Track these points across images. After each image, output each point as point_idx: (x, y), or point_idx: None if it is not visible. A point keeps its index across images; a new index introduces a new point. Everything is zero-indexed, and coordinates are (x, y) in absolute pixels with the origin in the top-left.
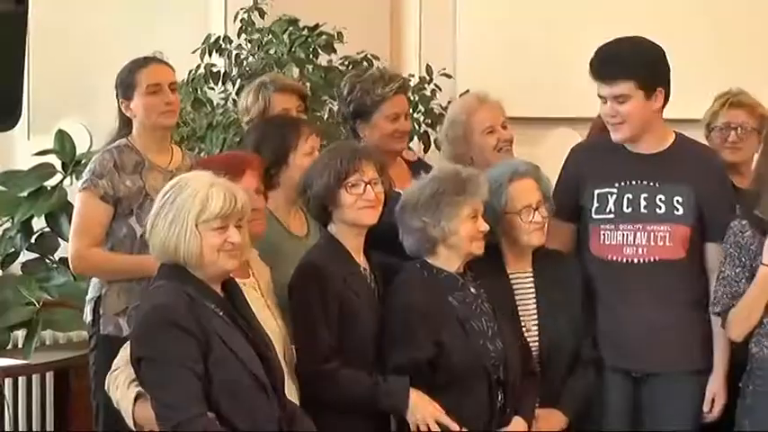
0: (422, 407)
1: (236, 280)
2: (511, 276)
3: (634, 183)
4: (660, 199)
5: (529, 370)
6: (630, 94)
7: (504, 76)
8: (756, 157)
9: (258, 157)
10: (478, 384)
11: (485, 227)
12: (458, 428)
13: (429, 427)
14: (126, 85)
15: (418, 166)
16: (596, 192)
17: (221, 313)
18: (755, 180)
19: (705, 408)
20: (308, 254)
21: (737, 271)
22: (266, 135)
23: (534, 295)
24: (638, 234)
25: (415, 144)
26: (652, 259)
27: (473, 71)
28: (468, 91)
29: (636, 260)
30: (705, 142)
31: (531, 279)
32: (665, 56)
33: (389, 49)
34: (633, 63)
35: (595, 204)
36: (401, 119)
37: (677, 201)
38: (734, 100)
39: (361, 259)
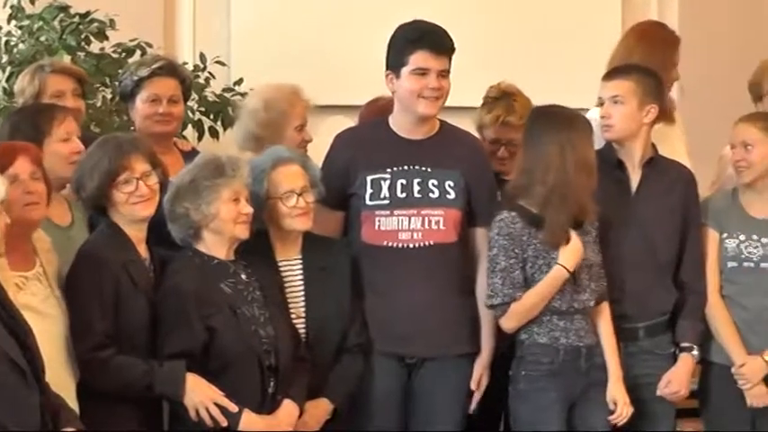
0: (199, 390)
1: (17, 273)
2: (279, 263)
3: (406, 168)
4: (433, 183)
5: (299, 356)
6: (449, 71)
7: (278, 63)
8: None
9: (31, 145)
10: (250, 370)
11: (248, 209)
12: (236, 409)
13: (208, 410)
14: None
15: (192, 156)
16: (369, 178)
17: None
18: (521, 173)
19: (473, 386)
20: (87, 242)
21: (512, 262)
22: (19, 123)
23: (302, 281)
24: (413, 219)
25: (189, 132)
26: (427, 243)
27: (248, 59)
28: (242, 79)
29: (411, 245)
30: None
31: (300, 265)
32: None
33: (163, 37)
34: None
35: (369, 191)
36: (162, 101)
37: (449, 185)
38: (505, 119)
39: (141, 249)
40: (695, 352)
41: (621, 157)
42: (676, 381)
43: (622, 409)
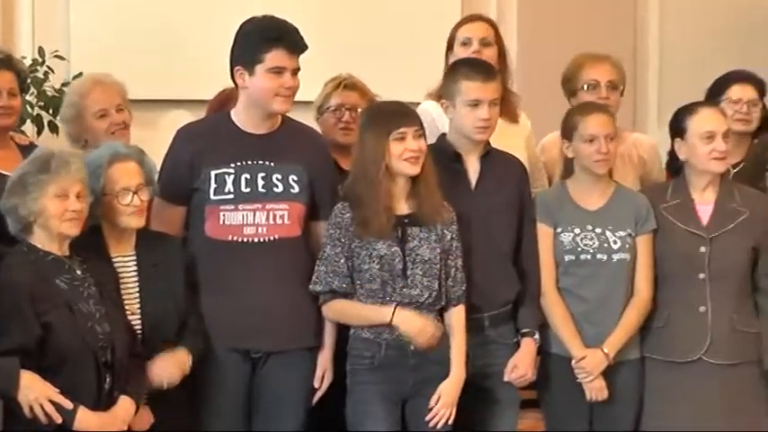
0: (34, 387)
1: None
2: (114, 259)
3: (250, 163)
4: (277, 178)
5: (135, 352)
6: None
7: (118, 57)
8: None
9: None
10: (86, 367)
11: (75, 206)
12: (71, 405)
13: (42, 407)
14: None
15: (30, 151)
16: (213, 173)
17: None
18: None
19: (316, 383)
20: None
21: (337, 251)
22: None
23: (137, 278)
24: (258, 213)
25: (29, 127)
26: (272, 238)
27: (87, 53)
28: (81, 73)
29: (256, 239)
30: (315, 125)
31: (134, 261)
32: None
33: (1, 30)
34: None
35: (213, 186)
36: (3, 94)
37: (293, 179)
38: (348, 82)
39: None
40: (536, 336)
41: (460, 151)
42: (522, 364)
43: (441, 411)
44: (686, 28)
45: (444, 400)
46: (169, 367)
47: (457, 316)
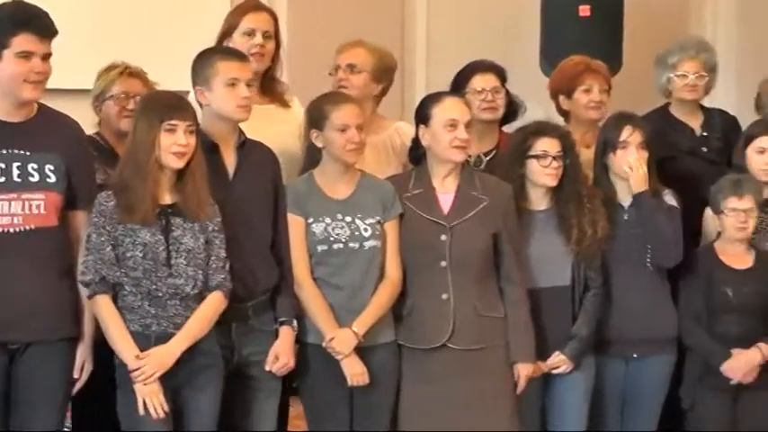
0: None
1: None
2: None
3: (5, 152)
4: (33, 167)
5: None
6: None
7: None
8: None
9: None
10: None
11: None
12: None
13: None
14: None
15: None
16: None
17: None
18: None
19: (75, 374)
20: None
21: (103, 239)
22: None
23: None
24: (14, 203)
25: None
26: (28, 228)
27: None
28: None
29: (12, 230)
30: (93, 113)
31: None
32: None
33: None
34: None
35: None
36: None
37: (49, 169)
38: (132, 70)
39: None
40: (294, 324)
41: (216, 141)
42: (282, 353)
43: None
44: (453, 17)
45: (154, 362)
46: None
47: (209, 301)
